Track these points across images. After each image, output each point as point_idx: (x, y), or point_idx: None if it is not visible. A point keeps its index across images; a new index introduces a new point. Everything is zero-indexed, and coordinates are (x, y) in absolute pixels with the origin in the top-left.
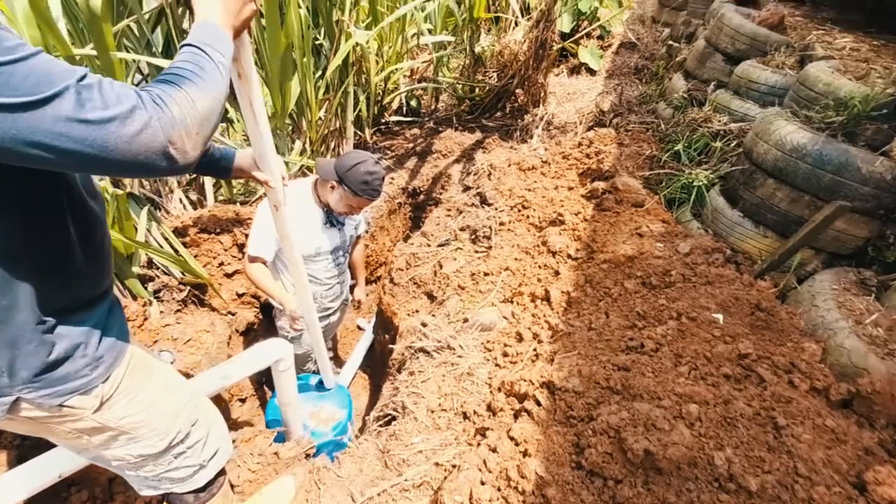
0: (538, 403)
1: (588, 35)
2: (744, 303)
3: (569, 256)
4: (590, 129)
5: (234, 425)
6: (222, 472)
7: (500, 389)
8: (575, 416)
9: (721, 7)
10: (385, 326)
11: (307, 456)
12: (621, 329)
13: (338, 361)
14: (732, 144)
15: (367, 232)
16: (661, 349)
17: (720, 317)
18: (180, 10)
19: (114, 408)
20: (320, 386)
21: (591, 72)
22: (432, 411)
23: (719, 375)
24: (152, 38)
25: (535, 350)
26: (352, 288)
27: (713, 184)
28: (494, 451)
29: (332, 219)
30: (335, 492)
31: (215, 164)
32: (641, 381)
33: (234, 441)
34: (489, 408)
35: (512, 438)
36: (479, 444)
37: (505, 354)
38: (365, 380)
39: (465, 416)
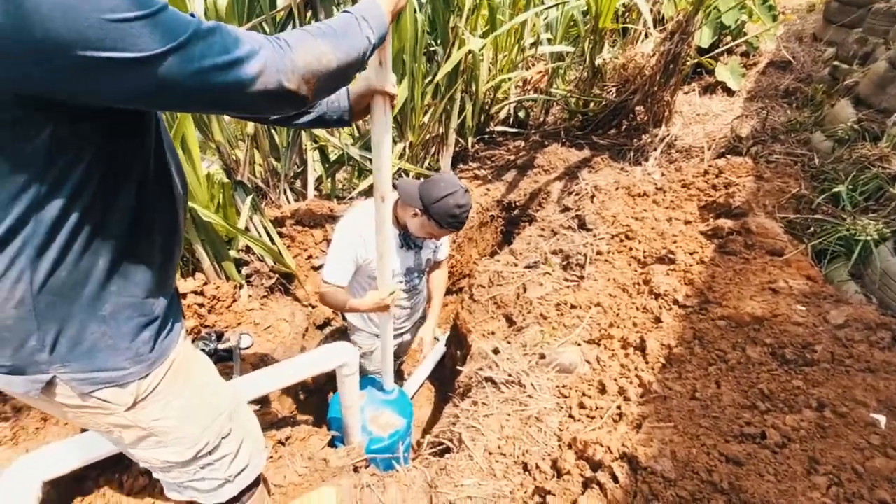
0: (614, 479)
1: (730, 51)
2: None
3: (675, 302)
4: (720, 156)
5: (295, 420)
6: (255, 484)
7: (570, 447)
8: None
9: None
10: (458, 343)
11: (355, 469)
12: (736, 407)
13: (402, 374)
14: None
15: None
16: (790, 446)
17: (882, 419)
18: (308, 12)
19: (147, 409)
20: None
21: (729, 92)
22: (490, 453)
23: (874, 501)
24: None
25: (619, 408)
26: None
27: (884, 239)
28: None
29: (409, 241)
30: None
31: (331, 118)
32: (758, 485)
33: (288, 438)
34: (554, 465)
35: None
36: None
37: (582, 406)
38: (431, 391)
39: (526, 469)
